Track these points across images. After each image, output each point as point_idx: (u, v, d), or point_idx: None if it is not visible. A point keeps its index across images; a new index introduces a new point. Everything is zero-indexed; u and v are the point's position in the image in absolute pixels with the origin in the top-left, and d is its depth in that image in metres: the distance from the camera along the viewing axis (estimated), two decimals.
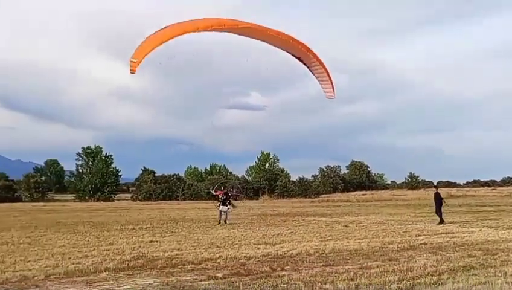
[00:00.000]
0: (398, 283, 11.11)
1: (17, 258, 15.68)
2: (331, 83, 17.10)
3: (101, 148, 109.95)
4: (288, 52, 16.34)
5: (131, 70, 14.06)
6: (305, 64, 16.67)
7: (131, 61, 14.06)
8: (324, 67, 16.38)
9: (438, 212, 29.38)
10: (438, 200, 29.82)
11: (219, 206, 29.90)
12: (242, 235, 23.14)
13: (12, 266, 14.07)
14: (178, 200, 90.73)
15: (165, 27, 14.51)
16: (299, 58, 16.56)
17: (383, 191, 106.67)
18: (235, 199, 31.49)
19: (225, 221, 29.70)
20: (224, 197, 29.83)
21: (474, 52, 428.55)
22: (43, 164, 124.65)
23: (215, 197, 31.41)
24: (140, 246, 18.89)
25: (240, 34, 16.16)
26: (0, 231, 26.35)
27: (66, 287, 11.19)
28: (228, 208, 29.85)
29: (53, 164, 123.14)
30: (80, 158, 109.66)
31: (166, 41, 14.20)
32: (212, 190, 30.86)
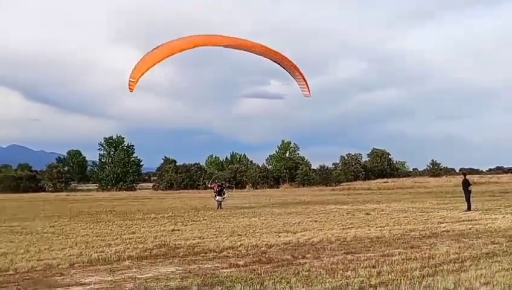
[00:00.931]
0: (420, 270, 11.05)
1: (42, 247, 15.92)
2: (306, 83, 18.87)
3: (123, 138, 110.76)
4: (269, 59, 17.14)
5: (129, 88, 15.46)
6: (284, 68, 17.43)
7: (130, 81, 15.35)
8: (298, 70, 17.55)
9: (467, 199, 29.07)
10: (467, 186, 29.52)
11: (215, 197, 34.19)
12: (263, 223, 23.19)
13: (36, 255, 14.28)
14: (199, 189, 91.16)
15: (157, 47, 15.56)
16: (278, 64, 17.45)
17: (404, 178, 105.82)
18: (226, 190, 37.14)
19: (221, 207, 33.88)
20: (219, 189, 34.51)
21: (494, 38, 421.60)
22: (65, 155, 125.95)
23: (212, 189, 36.03)
24: (162, 235, 19.05)
25: (226, 47, 17.46)
26: (24, 221, 26.77)
27: (90, 276, 11.34)
28: (223, 198, 34.28)
29: (75, 154, 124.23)
30: (102, 148, 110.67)
31: (160, 62, 15.37)
32: (209, 183, 34.78)
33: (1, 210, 37.58)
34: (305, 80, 18.68)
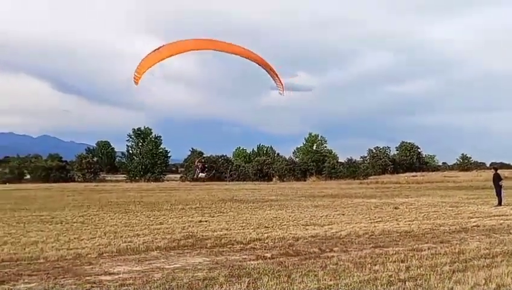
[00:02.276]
0: (450, 265, 10.91)
1: (71, 237, 16.15)
2: (281, 83, 20.26)
3: (151, 129, 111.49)
4: (249, 60, 19.18)
5: (134, 82, 17.08)
6: (264, 69, 19.76)
7: (135, 76, 16.99)
8: (274, 71, 19.81)
9: (498, 194, 28.57)
10: (498, 181, 29.00)
11: (199, 173, 33.87)
12: (290, 216, 23.16)
13: (66, 244, 14.48)
14: (226, 181, 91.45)
15: (160, 47, 17.19)
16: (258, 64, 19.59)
17: (434, 172, 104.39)
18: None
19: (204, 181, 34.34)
20: (202, 167, 34.01)
21: None
22: (95, 145, 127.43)
23: (196, 167, 35.22)
24: (190, 226, 19.17)
25: (215, 50, 18.60)
26: (54, 210, 27.19)
27: (118, 265, 11.45)
28: (205, 175, 34.20)
29: (104, 145, 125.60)
30: (131, 139, 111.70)
31: (161, 61, 17.12)
32: (197, 162, 35.47)
33: (32, 200, 38.25)
34: (280, 80, 20.42)
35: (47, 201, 36.45)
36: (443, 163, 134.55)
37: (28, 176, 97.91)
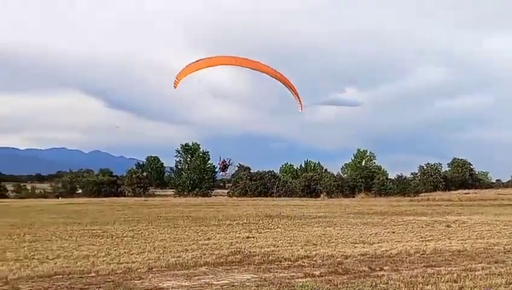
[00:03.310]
0: (505, 286, 10.54)
1: (122, 251, 16.39)
2: (300, 102, 22.09)
3: (199, 145, 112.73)
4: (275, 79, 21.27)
5: (174, 86, 19.92)
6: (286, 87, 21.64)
7: (175, 80, 19.81)
8: (295, 90, 21.79)
9: None
10: None
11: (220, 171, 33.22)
12: (338, 233, 22.87)
13: (117, 258, 14.70)
14: (273, 196, 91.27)
15: (199, 60, 20.02)
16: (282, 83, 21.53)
17: (487, 190, 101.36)
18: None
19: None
20: (223, 165, 34.47)
21: None
22: (144, 160, 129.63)
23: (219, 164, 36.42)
24: (237, 242, 19.18)
25: (244, 67, 21.15)
26: (105, 225, 27.72)
27: (168, 280, 11.53)
28: (225, 173, 32.53)
29: (154, 160, 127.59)
30: (179, 155, 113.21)
31: (198, 70, 19.78)
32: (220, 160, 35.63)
33: (83, 214, 39.13)
34: (299, 98, 22.13)
35: (98, 215, 37.21)
36: (497, 180, 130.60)
37: (80, 191, 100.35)
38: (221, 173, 33.95)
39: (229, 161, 29.70)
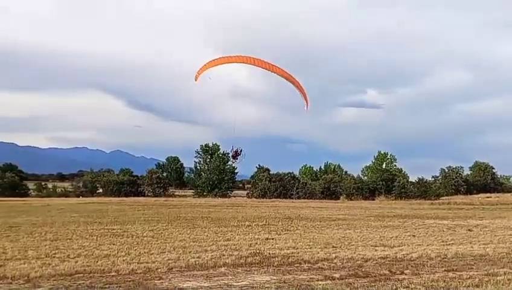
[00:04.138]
0: None
1: (142, 251, 16.48)
2: (307, 100, 23.74)
3: (219, 145, 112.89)
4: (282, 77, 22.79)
5: (195, 79, 22.21)
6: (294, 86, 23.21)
7: (196, 75, 22.12)
8: (303, 89, 23.59)
9: None
10: None
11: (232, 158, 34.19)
12: (358, 236, 22.73)
13: (137, 258, 14.78)
14: (292, 198, 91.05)
15: (217, 58, 22.39)
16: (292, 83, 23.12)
17: (509, 194, 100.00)
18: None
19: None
20: (235, 153, 34.30)
21: None
22: (164, 161, 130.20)
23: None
24: (256, 243, 19.15)
25: (255, 66, 22.41)
26: (125, 224, 27.88)
27: (188, 281, 11.55)
28: (236, 160, 33.22)
29: (174, 161, 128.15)
30: (198, 155, 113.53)
31: (217, 65, 22.07)
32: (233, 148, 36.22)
33: (104, 213, 39.42)
34: (305, 97, 23.61)
35: (118, 215, 37.46)
36: None
37: (101, 190, 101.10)
38: (232, 160, 35.14)
39: (241, 151, 30.43)
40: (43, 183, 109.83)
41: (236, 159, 33.61)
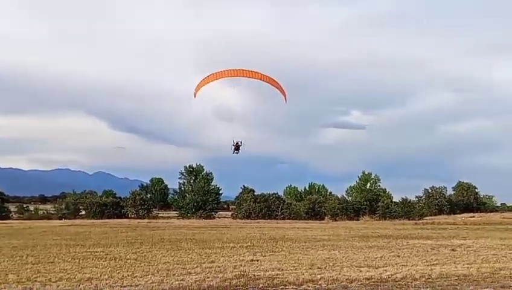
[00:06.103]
0: None
1: (125, 274, 16.29)
2: (284, 94, 28.90)
3: (203, 166, 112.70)
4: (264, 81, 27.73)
5: (194, 95, 26.95)
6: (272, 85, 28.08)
7: (194, 92, 26.33)
8: (280, 85, 28.48)
9: None
10: None
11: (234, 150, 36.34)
12: (343, 257, 22.70)
13: (120, 281, 14.60)
14: (277, 219, 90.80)
15: (211, 74, 26.42)
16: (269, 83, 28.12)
17: (492, 213, 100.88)
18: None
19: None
20: (236, 145, 36.43)
21: None
22: (148, 182, 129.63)
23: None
24: (241, 265, 19.03)
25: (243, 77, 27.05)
26: (108, 247, 27.58)
27: None
28: (237, 152, 36.30)
29: (158, 182, 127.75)
30: (183, 177, 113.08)
31: (212, 82, 26.37)
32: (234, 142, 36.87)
33: (87, 236, 38.98)
34: (283, 91, 28.23)
35: (101, 237, 37.04)
36: (502, 204, 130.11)
37: (83, 212, 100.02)
38: (235, 152, 36.35)
39: (241, 143, 33.37)
40: (24, 206, 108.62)
41: (238, 151, 35.81)
